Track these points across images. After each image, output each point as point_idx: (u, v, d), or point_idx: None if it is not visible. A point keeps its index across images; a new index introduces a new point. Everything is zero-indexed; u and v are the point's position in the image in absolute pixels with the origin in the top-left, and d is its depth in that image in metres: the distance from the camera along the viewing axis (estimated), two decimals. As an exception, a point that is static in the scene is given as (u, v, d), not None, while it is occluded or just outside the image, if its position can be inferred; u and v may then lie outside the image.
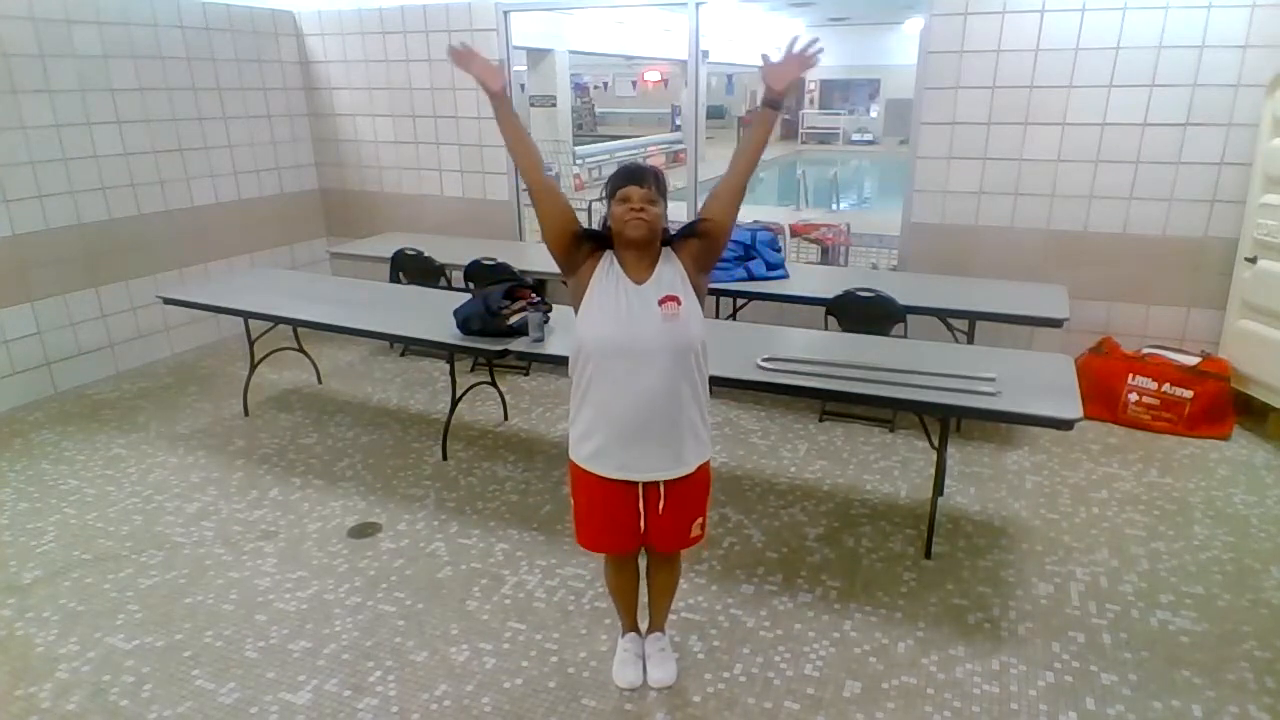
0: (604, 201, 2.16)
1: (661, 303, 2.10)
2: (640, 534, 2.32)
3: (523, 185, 2.18)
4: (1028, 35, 4.46)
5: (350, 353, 5.63)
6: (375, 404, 4.79)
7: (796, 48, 2.11)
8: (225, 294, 4.47)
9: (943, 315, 4.16)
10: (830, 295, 4.15)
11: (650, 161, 19.49)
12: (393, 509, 3.62)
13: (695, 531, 2.35)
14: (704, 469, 2.29)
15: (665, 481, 2.22)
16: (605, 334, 2.11)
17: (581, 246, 2.17)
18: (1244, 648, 2.70)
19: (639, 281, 2.13)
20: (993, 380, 2.96)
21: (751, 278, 4.55)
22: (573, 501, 2.36)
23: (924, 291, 4.25)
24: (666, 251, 2.18)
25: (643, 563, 2.52)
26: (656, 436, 2.15)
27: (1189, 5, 4.14)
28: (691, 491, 2.28)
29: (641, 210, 2.07)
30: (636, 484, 2.23)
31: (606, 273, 2.14)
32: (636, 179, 2.09)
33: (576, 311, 2.19)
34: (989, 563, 3.17)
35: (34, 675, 2.63)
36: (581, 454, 2.24)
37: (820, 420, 4.47)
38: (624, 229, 2.09)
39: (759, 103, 2.20)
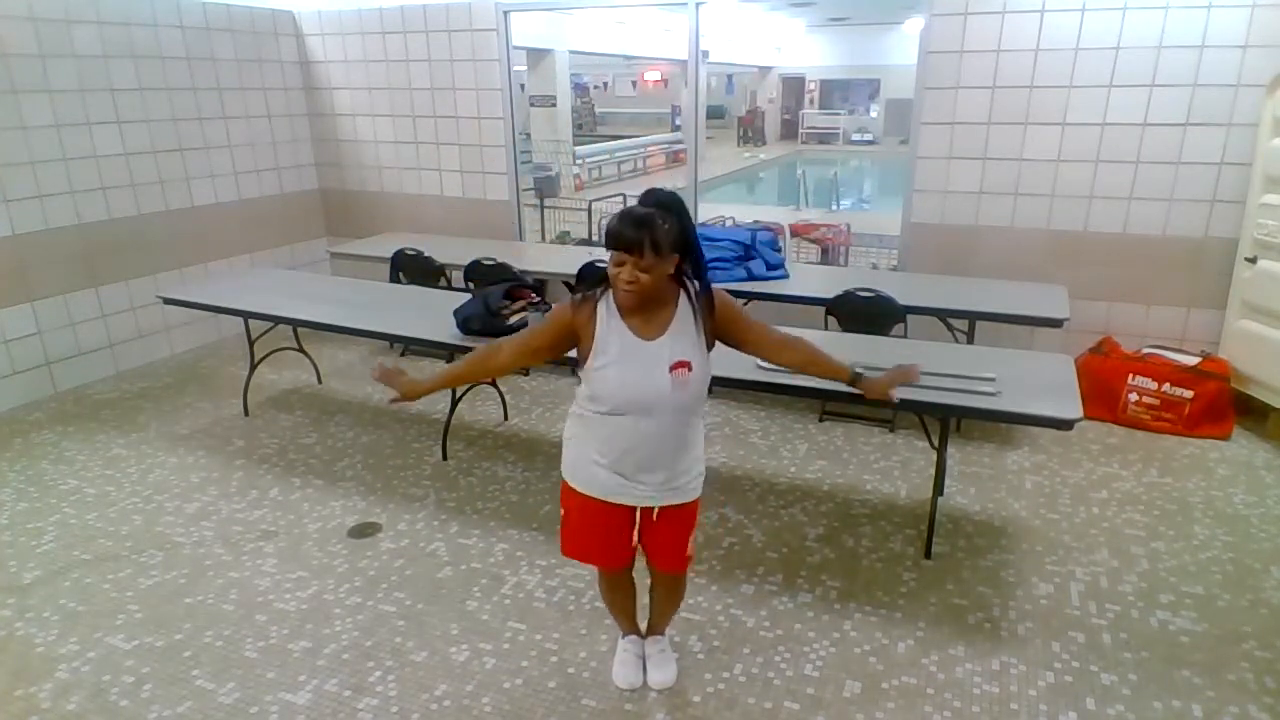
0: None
1: (673, 368, 2.03)
2: (633, 551, 2.30)
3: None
4: (1028, 35, 4.46)
5: (350, 353, 5.63)
6: (375, 404, 4.79)
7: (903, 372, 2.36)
8: (225, 294, 4.47)
9: (943, 315, 4.16)
10: (830, 295, 4.15)
11: (650, 161, 19.44)
12: (393, 509, 3.62)
13: (689, 550, 2.34)
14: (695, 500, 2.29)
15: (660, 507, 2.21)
16: (614, 391, 2.06)
17: (567, 334, 2.11)
18: (1244, 648, 2.70)
19: (648, 337, 2.05)
20: (993, 380, 2.96)
21: (751, 278, 4.55)
22: (562, 510, 2.32)
23: (924, 291, 4.26)
24: (686, 304, 2.09)
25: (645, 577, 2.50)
26: (656, 472, 2.14)
27: (1189, 5, 4.15)
28: (685, 512, 2.27)
29: (633, 281, 1.96)
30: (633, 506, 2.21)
31: (607, 325, 2.05)
32: (631, 247, 1.92)
33: (581, 363, 2.11)
34: (989, 563, 3.17)
35: (34, 675, 2.63)
36: (578, 481, 2.22)
37: (820, 420, 4.47)
38: (617, 296, 2.04)
39: (852, 376, 2.36)
